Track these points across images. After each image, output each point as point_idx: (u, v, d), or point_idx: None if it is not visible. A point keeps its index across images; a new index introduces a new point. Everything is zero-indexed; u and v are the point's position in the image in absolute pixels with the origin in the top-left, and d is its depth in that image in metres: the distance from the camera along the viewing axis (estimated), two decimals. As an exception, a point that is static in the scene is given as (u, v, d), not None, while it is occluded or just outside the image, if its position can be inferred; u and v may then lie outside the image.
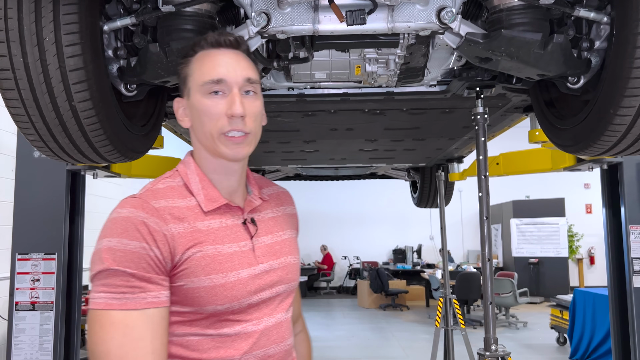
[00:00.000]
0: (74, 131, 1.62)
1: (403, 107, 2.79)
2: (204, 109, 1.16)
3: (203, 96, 1.16)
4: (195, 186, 1.18)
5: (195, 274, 1.09)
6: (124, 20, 1.64)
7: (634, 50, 1.46)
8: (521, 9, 1.63)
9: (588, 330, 6.67)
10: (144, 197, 1.12)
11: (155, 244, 1.06)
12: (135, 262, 1.03)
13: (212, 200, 1.17)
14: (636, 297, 3.20)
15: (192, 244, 1.10)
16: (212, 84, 1.15)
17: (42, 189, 3.11)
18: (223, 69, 1.16)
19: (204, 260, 1.10)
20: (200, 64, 1.18)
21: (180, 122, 1.23)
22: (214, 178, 1.20)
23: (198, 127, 1.18)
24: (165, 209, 1.11)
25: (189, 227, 1.11)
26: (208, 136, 1.16)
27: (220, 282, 1.10)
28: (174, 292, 1.09)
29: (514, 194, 13.36)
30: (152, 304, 1.04)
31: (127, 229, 1.05)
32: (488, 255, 2.29)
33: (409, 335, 8.76)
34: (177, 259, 1.08)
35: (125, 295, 1.02)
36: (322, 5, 1.65)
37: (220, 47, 1.18)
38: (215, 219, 1.16)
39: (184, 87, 1.21)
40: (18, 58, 1.45)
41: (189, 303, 1.10)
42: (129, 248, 1.04)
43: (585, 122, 1.78)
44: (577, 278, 14.22)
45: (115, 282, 1.02)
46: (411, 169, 6.00)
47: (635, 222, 3.27)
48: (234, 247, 1.15)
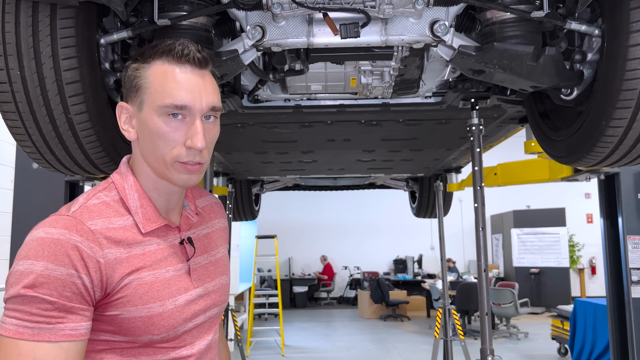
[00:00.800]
0: (70, 143, 1.63)
1: (399, 118, 2.81)
2: (159, 132, 1.04)
3: (159, 116, 1.04)
4: (133, 203, 1.07)
5: (132, 302, 1.01)
6: (120, 34, 1.66)
7: (625, 62, 1.48)
8: (513, 22, 1.65)
9: (589, 341, 6.63)
10: (78, 217, 1.01)
11: (86, 270, 0.96)
12: (58, 290, 0.93)
13: (150, 220, 1.07)
14: (634, 308, 3.19)
15: (129, 270, 1.02)
16: (173, 108, 1.03)
17: (40, 199, 3.13)
18: (188, 95, 1.03)
19: (142, 289, 1.02)
20: (160, 80, 1.04)
21: (124, 131, 1.10)
22: (153, 196, 1.11)
23: (148, 146, 1.07)
24: (101, 231, 1.01)
25: (125, 252, 1.02)
26: (159, 160, 1.06)
27: (158, 311, 1.03)
28: (107, 321, 1.01)
29: (515, 204, 13.35)
30: (69, 336, 0.94)
31: (55, 253, 0.94)
32: (484, 266, 2.29)
33: (409, 346, 8.71)
34: (111, 287, 1.00)
35: (39, 325, 0.92)
36: (317, 18, 1.67)
37: (186, 64, 1.05)
38: (153, 241, 1.07)
39: (134, 95, 1.07)
40: (15, 71, 1.47)
41: (123, 333, 1.02)
42: (54, 274, 0.93)
43: (578, 133, 1.79)
44: (579, 288, 14.16)
45: (30, 310, 0.92)
46: (410, 179, 6.01)
47: (633, 232, 3.27)
48: (171, 272, 1.08)
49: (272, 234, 8.74)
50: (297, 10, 1.61)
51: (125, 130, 1.10)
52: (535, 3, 1.62)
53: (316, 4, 1.58)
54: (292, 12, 1.62)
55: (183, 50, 1.05)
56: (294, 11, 1.61)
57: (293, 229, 14.16)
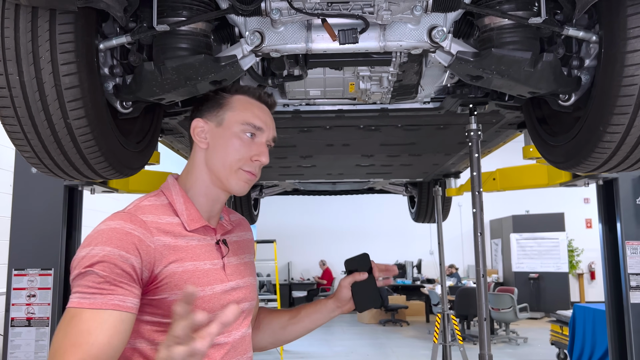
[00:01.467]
0: (69, 148, 1.63)
1: (398, 124, 2.81)
2: (235, 144, 1.31)
3: (240, 132, 1.32)
4: (179, 206, 1.28)
5: (178, 287, 1.18)
6: (119, 39, 1.66)
7: (622, 68, 1.48)
8: (511, 28, 1.65)
9: (588, 346, 6.62)
10: (132, 212, 1.21)
11: (137, 252, 1.14)
12: (110, 267, 1.10)
13: (194, 220, 1.28)
14: (633, 313, 3.19)
15: (174, 258, 1.20)
16: (252, 127, 1.32)
17: (39, 204, 3.13)
18: (264, 123, 1.35)
19: (185, 275, 1.20)
20: (245, 106, 1.35)
21: (198, 142, 1.34)
22: (199, 201, 1.32)
23: (219, 154, 1.32)
24: (152, 222, 1.20)
25: (172, 241, 1.21)
26: (227, 166, 1.31)
27: (199, 295, 1.20)
28: (156, 305, 1.18)
29: (514, 209, 13.36)
30: (116, 306, 1.10)
31: (110, 238, 1.13)
32: (483, 272, 2.29)
33: (408, 351, 8.70)
34: (158, 270, 1.17)
35: (94, 296, 1.09)
36: (315, 24, 1.68)
37: (262, 102, 1.39)
38: (195, 237, 1.27)
39: (216, 113, 1.35)
40: (14, 76, 1.47)
41: (169, 315, 1.15)
42: (109, 255, 1.11)
43: (576, 139, 1.79)
44: (578, 293, 14.15)
45: (87, 283, 1.10)
46: (409, 184, 6.02)
47: (631, 237, 3.27)
48: (209, 265, 1.26)
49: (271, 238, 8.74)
50: (295, 16, 1.61)
51: (199, 140, 1.34)
52: (533, 9, 1.62)
53: (315, 10, 1.58)
54: (291, 18, 1.62)
55: (261, 91, 1.39)
56: (293, 17, 1.61)
57: (292, 234, 14.15)
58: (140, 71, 1.69)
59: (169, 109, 2.14)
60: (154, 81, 1.68)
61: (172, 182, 1.35)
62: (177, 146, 3.31)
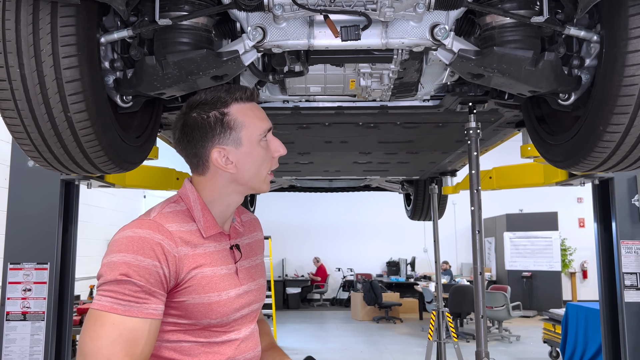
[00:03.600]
0: (69, 142, 1.62)
1: (397, 121, 2.81)
2: (261, 154, 1.34)
3: (259, 144, 1.34)
4: (197, 214, 1.32)
5: (196, 291, 1.24)
6: (120, 33, 1.65)
7: (623, 68, 1.49)
8: (513, 26, 1.66)
9: (580, 344, 6.67)
10: (158, 220, 1.25)
11: (166, 263, 1.20)
12: (145, 277, 1.16)
13: (210, 227, 1.32)
14: (627, 312, 3.21)
15: (195, 265, 1.25)
16: (265, 131, 1.35)
17: (35, 198, 3.11)
18: (266, 119, 1.37)
19: (204, 280, 1.26)
20: (250, 117, 1.33)
21: (226, 169, 1.32)
22: (215, 207, 1.35)
23: (250, 171, 1.34)
24: (176, 232, 1.25)
25: (191, 250, 1.26)
26: (260, 176, 1.36)
27: (215, 299, 1.27)
28: (175, 307, 1.24)
29: (508, 208, 13.40)
30: (151, 314, 1.17)
31: (142, 247, 1.18)
32: (480, 269, 2.30)
33: (402, 348, 8.73)
34: (181, 277, 1.23)
35: (130, 304, 1.15)
36: (318, 20, 1.67)
37: (253, 101, 1.37)
38: (211, 244, 1.32)
39: (229, 135, 1.31)
40: (15, 69, 1.46)
41: (187, 317, 1.25)
42: (143, 264, 1.16)
43: (575, 138, 1.80)
44: (570, 292, 14.23)
45: (123, 291, 1.15)
46: (405, 181, 6.02)
47: (626, 237, 3.30)
48: (224, 270, 1.32)
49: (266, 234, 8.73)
50: (298, 12, 1.61)
51: (228, 168, 1.32)
52: (535, 8, 1.63)
53: (317, 6, 1.58)
54: (293, 14, 1.61)
55: (251, 92, 1.36)
56: (295, 13, 1.61)
57: (287, 230, 14.14)
58: (142, 65, 1.68)
59: (168, 103, 2.14)
60: (155, 75, 1.67)
61: (190, 188, 1.36)
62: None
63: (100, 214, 9.21)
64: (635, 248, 3.29)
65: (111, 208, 9.88)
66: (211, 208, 1.34)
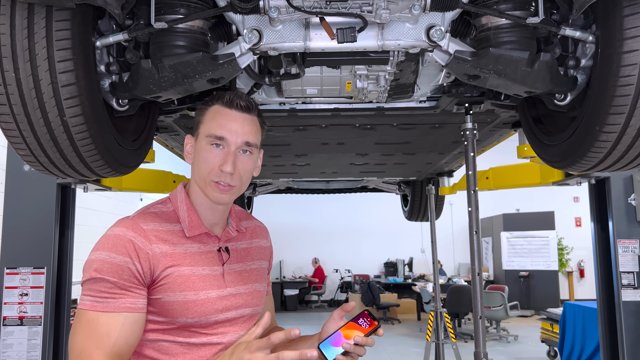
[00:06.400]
0: (65, 146, 1.62)
1: (393, 123, 2.82)
2: (204, 156, 1.35)
3: (207, 144, 1.35)
4: (182, 214, 1.37)
5: (172, 289, 1.27)
6: (116, 36, 1.64)
7: (618, 68, 1.49)
8: (509, 27, 1.66)
9: (578, 343, 6.68)
10: (135, 220, 1.32)
11: (138, 259, 1.24)
12: (118, 273, 1.22)
13: (194, 227, 1.36)
14: (625, 311, 3.22)
15: (172, 264, 1.28)
16: (215, 138, 1.34)
17: (31, 202, 3.10)
18: (226, 131, 1.34)
19: (180, 279, 1.28)
20: (212, 117, 1.37)
21: (186, 157, 1.42)
22: (200, 210, 1.39)
23: (196, 167, 1.38)
24: (151, 231, 1.30)
25: (169, 249, 1.30)
26: (202, 178, 1.36)
27: (192, 298, 1.28)
28: (152, 304, 1.27)
29: (505, 207, 13.43)
30: (128, 308, 1.22)
31: (115, 245, 1.25)
32: (478, 270, 2.30)
33: (400, 349, 8.73)
34: (156, 274, 1.27)
35: (107, 300, 1.21)
36: (314, 22, 1.67)
37: (232, 108, 1.36)
38: (194, 244, 1.35)
39: (196, 129, 1.40)
40: (10, 73, 1.45)
41: (163, 314, 1.28)
42: (115, 261, 1.23)
43: (572, 139, 1.80)
44: (567, 291, 14.26)
45: (99, 288, 1.22)
46: (402, 182, 6.03)
47: (623, 236, 3.31)
48: (207, 270, 1.33)
49: (264, 236, 8.70)
50: (294, 15, 1.61)
51: (187, 156, 1.42)
52: (530, 9, 1.63)
53: (313, 8, 1.58)
54: (289, 16, 1.61)
55: (232, 97, 1.37)
56: (291, 15, 1.61)
57: (284, 232, 14.13)
58: (137, 69, 1.67)
59: (164, 106, 2.13)
60: (151, 79, 1.67)
61: (180, 189, 1.43)
62: (171, 144, 3.29)
63: (97, 217, 9.18)
64: (632, 247, 3.30)
65: (108, 211, 9.85)
66: (199, 211, 1.38)
